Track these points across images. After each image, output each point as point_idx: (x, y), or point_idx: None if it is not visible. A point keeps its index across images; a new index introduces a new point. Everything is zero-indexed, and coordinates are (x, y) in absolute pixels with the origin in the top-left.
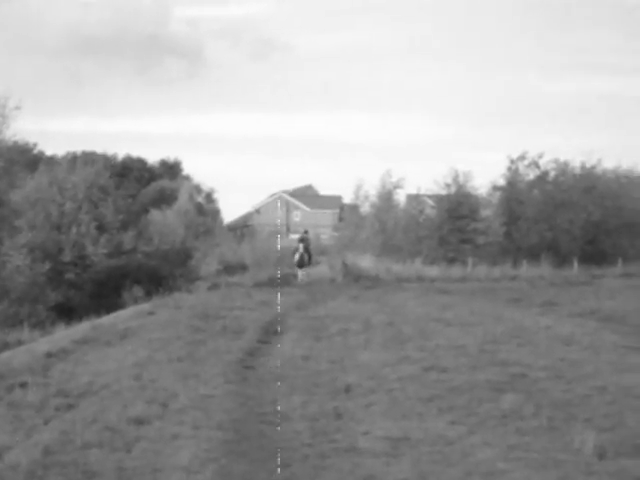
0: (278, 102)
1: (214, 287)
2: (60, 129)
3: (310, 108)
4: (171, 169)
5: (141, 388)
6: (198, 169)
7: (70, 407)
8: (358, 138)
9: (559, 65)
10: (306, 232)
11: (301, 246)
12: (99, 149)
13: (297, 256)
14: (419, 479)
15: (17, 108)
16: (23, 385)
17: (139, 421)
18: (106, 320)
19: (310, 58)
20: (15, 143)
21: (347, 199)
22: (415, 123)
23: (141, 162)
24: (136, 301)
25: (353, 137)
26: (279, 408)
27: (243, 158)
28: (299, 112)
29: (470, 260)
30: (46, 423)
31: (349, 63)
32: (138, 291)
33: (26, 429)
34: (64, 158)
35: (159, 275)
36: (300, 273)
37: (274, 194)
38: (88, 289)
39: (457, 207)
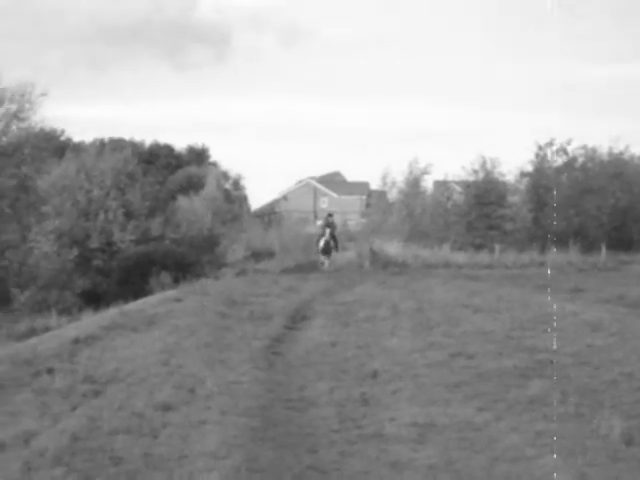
0: (305, 88)
1: (241, 273)
2: (87, 116)
3: (337, 94)
4: (198, 156)
5: (168, 374)
6: (226, 156)
7: (97, 393)
8: (385, 124)
9: (587, 51)
10: (330, 215)
11: (327, 231)
12: (126, 136)
13: (322, 242)
14: (446, 465)
15: (43, 94)
16: (50, 371)
17: (166, 407)
18: (133, 306)
19: (337, 44)
20: (42, 130)
21: (374, 185)
22: (442, 109)
23: (168, 149)
24: (163, 287)
25: (380, 123)
26: (306, 394)
27: (271, 145)
28: (326, 98)
29: (497, 246)
30: (73, 409)
31: (376, 50)
32: (165, 278)
33: (53, 415)
34: (91, 145)
35: (186, 262)
36: (325, 260)
37: (301, 180)
38: (115, 275)
39: (484, 193)
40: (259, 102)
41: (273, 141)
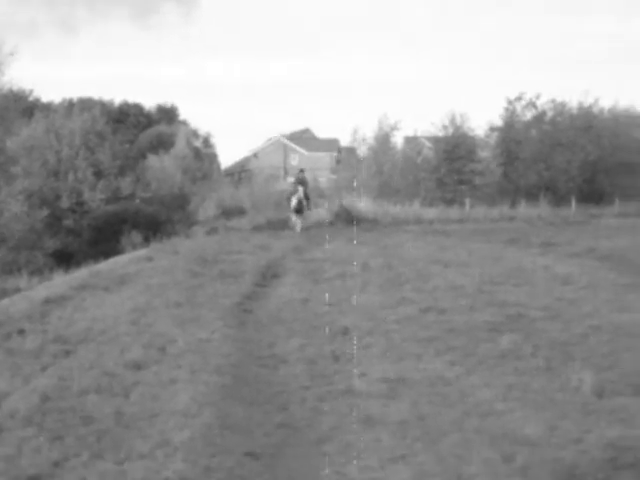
0: (273, 46)
1: (212, 232)
2: (56, 76)
3: (306, 50)
4: (168, 114)
5: (139, 333)
6: (195, 114)
7: (68, 353)
8: (354, 80)
9: (555, 4)
10: (302, 171)
11: (300, 189)
12: (96, 95)
13: (294, 201)
14: (417, 420)
15: (11, 54)
16: (21, 332)
17: (137, 366)
18: (104, 266)
19: None
20: (10, 90)
21: (344, 142)
22: (411, 63)
23: (138, 108)
24: (134, 247)
25: (349, 79)
26: (277, 351)
27: (240, 103)
28: (295, 55)
29: (468, 201)
30: (44, 370)
31: (343, 3)
32: (136, 237)
33: (24, 376)
34: (60, 104)
35: (157, 220)
36: (297, 220)
37: (271, 138)
38: (86, 235)
39: (454, 148)
40: (228, 60)
41: (242, 99)
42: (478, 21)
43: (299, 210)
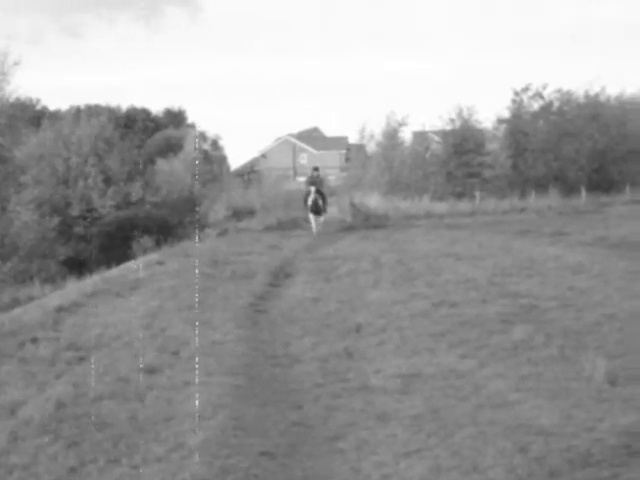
0: (279, 44)
1: (223, 233)
2: (63, 83)
3: (312, 49)
4: (176, 118)
5: (152, 337)
6: (203, 117)
7: (81, 360)
8: (361, 77)
9: None
10: (316, 169)
11: (312, 189)
12: (103, 102)
13: (310, 201)
14: (431, 414)
15: (16, 64)
16: (34, 340)
17: (151, 370)
18: (116, 272)
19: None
20: (17, 99)
21: (353, 139)
22: (416, 58)
23: (145, 112)
24: (145, 252)
25: (357, 77)
26: (290, 351)
27: (248, 103)
28: (301, 53)
29: (478, 194)
30: (58, 377)
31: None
32: (147, 241)
33: (38, 384)
34: (68, 112)
35: (168, 224)
36: (314, 221)
37: (280, 138)
38: (97, 242)
39: (462, 142)
40: (234, 61)
41: (250, 99)
42: (482, 14)
43: (316, 211)
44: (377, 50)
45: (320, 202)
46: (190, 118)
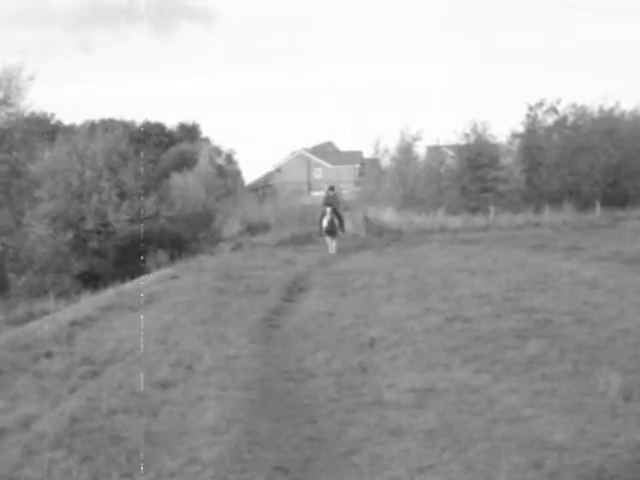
0: (293, 58)
1: (237, 248)
2: (78, 98)
3: (326, 62)
4: (190, 132)
5: (166, 352)
6: (217, 131)
7: (95, 374)
8: (376, 92)
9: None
10: (332, 188)
11: (328, 210)
12: (117, 116)
13: (325, 222)
14: (445, 429)
15: (31, 78)
16: (48, 355)
17: (164, 385)
18: (130, 286)
19: (322, 9)
20: (32, 114)
21: (367, 154)
22: (431, 73)
23: (160, 127)
24: (160, 266)
25: (371, 91)
26: (304, 365)
27: (262, 117)
28: (316, 67)
29: (492, 209)
30: (72, 391)
31: (362, 15)
32: (162, 256)
33: (52, 398)
34: (82, 127)
35: (182, 239)
36: (330, 242)
37: (294, 152)
38: (112, 256)
39: (477, 156)
40: (248, 76)
41: (265, 114)
42: (498, 29)
43: (331, 232)
44: (392, 64)
45: (336, 222)
46: (204, 132)
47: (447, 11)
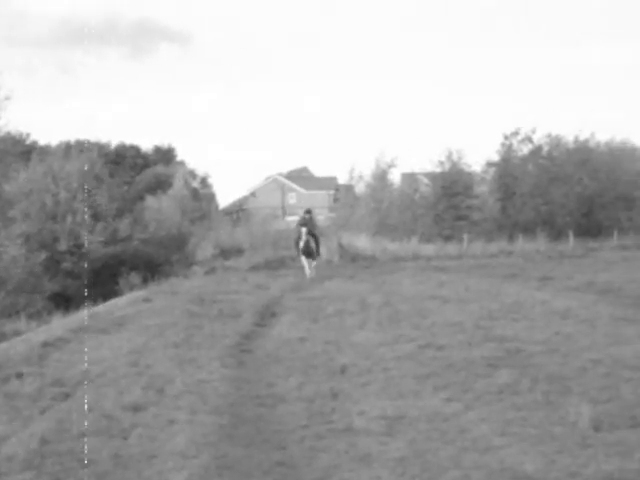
0: (270, 83)
1: (210, 272)
2: (53, 118)
3: (303, 88)
4: (165, 155)
5: (137, 375)
6: (192, 154)
7: (66, 396)
8: (351, 118)
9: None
10: (308, 212)
11: (304, 230)
12: (93, 137)
13: (301, 243)
14: (416, 457)
15: (7, 98)
16: (19, 375)
17: (135, 408)
18: (102, 308)
19: (299, 32)
20: (8, 134)
21: (342, 180)
22: (406, 101)
23: (135, 149)
24: (132, 288)
25: (346, 117)
26: (275, 390)
27: (237, 141)
28: (291, 92)
29: (466, 237)
30: (42, 413)
31: (338, 39)
32: (135, 278)
33: (22, 419)
34: (58, 147)
35: (155, 261)
36: (307, 264)
37: (269, 177)
38: (85, 278)
39: (452, 184)
40: (224, 100)
41: (240, 138)
42: (474, 57)
43: (309, 253)
44: (367, 91)
45: (312, 244)
46: (179, 155)
47: (423, 39)
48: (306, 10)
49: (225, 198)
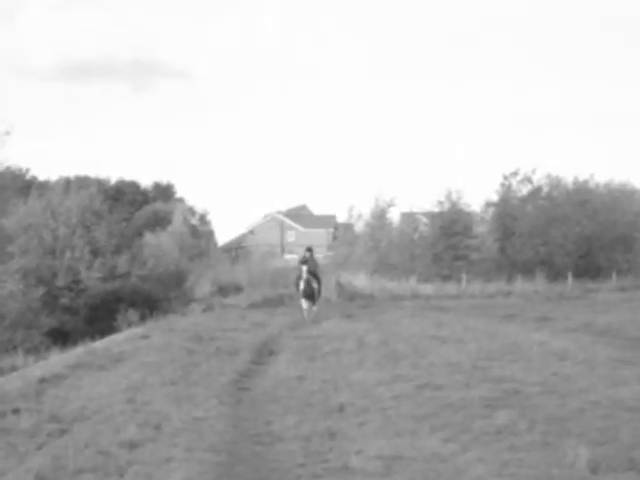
0: (269, 122)
1: (208, 309)
2: (52, 153)
3: (302, 126)
4: (164, 192)
5: (134, 411)
6: (192, 191)
7: (63, 432)
8: (351, 157)
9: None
10: (309, 250)
11: (304, 269)
12: (92, 173)
13: (302, 283)
14: None
15: (7, 133)
16: (16, 411)
17: (132, 445)
18: (100, 344)
19: (298, 70)
20: (7, 168)
21: (341, 218)
22: (406, 141)
23: (134, 185)
24: (130, 325)
25: (346, 156)
26: (272, 429)
27: (236, 179)
28: (290, 130)
29: (464, 277)
30: (39, 449)
31: (338, 75)
32: (132, 315)
33: (19, 455)
34: (57, 183)
35: (153, 298)
36: (307, 307)
37: (268, 214)
38: (83, 314)
39: (451, 224)
40: (223, 138)
41: (239, 176)
42: (473, 96)
43: (309, 295)
44: (367, 129)
45: (314, 285)
46: (179, 192)
47: (422, 77)
48: (306, 44)
49: (224, 235)
